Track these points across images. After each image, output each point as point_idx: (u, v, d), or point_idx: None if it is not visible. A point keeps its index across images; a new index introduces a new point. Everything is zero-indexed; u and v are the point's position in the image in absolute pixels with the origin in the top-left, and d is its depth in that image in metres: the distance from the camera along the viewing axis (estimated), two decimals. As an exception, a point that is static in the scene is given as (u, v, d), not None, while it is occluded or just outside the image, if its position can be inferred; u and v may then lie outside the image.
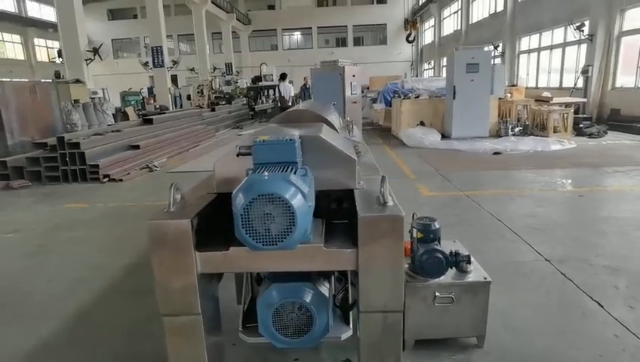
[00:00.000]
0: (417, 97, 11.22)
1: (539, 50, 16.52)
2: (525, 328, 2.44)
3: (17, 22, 27.78)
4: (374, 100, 16.60)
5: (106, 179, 6.96)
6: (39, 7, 29.26)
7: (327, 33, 36.86)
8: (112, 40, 34.70)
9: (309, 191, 1.59)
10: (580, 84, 12.72)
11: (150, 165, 8.00)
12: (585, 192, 5.30)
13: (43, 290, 3.20)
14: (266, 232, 1.48)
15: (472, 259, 2.25)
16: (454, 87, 9.38)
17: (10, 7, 27.42)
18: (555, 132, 9.63)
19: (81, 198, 5.85)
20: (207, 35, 30.49)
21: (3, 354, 2.44)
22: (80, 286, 3.20)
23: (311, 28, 36.51)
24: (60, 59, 13.17)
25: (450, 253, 2.15)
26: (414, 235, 2.23)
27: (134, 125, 9.96)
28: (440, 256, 2.08)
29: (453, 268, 2.19)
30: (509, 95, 11.53)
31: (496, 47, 18.71)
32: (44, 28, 28.19)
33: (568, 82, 14.03)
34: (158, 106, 17.98)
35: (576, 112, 11.16)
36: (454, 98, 9.41)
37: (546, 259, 3.34)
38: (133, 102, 17.73)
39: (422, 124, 10.50)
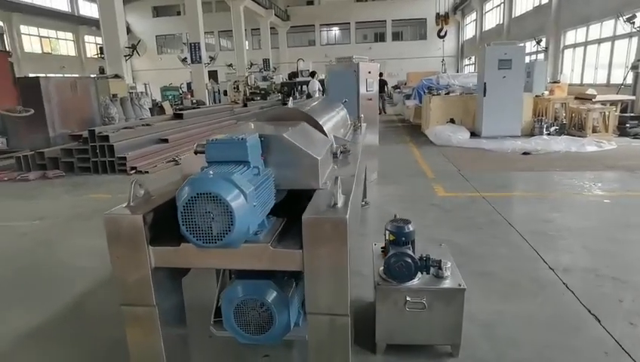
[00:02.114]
0: (448, 94, 10.90)
1: (585, 44, 15.57)
2: (508, 340, 2.33)
3: (70, 20, 29.47)
4: (408, 96, 16.31)
5: (133, 171, 7.27)
6: (90, 6, 30.86)
7: (365, 28, 36.51)
8: (156, 36, 36.13)
9: (256, 191, 1.60)
10: (630, 80, 11.87)
11: (177, 158, 8.27)
12: (613, 197, 4.97)
13: (51, 276, 3.40)
14: (208, 230, 1.50)
15: (449, 264, 2.17)
16: (485, 83, 9.04)
17: (65, 6, 29.11)
18: (594, 132, 9.07)
19: (106, 189, 6.15)
20: (246, 32, 31.08)
21: (7, 330, 2.62)
22: (86, 274, 3.37)
23: (349, 23, 36.29)
24: (102, 56, 13.82)
25: (421, 257, 2.08)
26: (387, 237, 2.18)
27: (165, 119, 10.32)
28: (409, 259, 2.03)
29: (424, 272, 2.12)
30: (546, 92, 10.95)
31: (538, 42, 17.83)
32: (93, 25, 29.73)
33: (617, 78, 13.14)
34: (194, 101, 18.55)
35: (623, 111, 10.45)
36: (485, 95, 9.07)
37: (550, 268, 3.17)
38: (170, 97, 18.32)
39: (452, 121, 10.22)
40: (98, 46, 31.38)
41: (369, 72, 5.65)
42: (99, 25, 13.87)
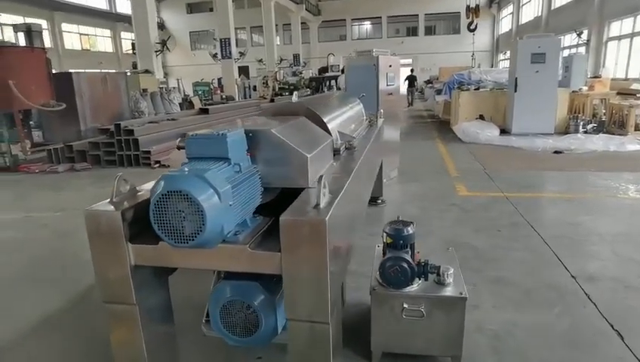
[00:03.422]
0: (477, 89, 10.50)
1: (632, 35, 14.61)
2: (517, 354, 2.16)
3: (108, 18, 30.50)
4: (439, 92, 15.90)
5: (157, 165, 7.39)
6: (127, 4, 31.80)
7: (397, 22, 35.87)
8: (189, 32, 36.84)
9: (234, 189, 1.52)
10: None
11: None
12: (652, 201, 4.61)
13: (64, 267, 3.47)
14: (181, 229, 1.44)
15: (451, 271, 2.02)
16: (516, 79, 8.62)
17: (103, 4, 30.13)
18: (637, 130, 8.48)
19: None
20: (278, 27, 31.17)
21: (20, 318, 2.68)
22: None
23: (381, 17, 35.75)
24: (134, 52, 14.18)
25: (419, 262, 1.95)
26: (384, 240, 2.06)
27: (191, 114, 10.46)
28: (405, 264, 1.90)
29: (423, 278, 1.99)
30: (584, 88, 10.35)
31: (579, 34, 16.92)
32: (129, 22, 30.64)
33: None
34: (224, 97, 18.77)
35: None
36: (515, 91, 8.65)
37: (572, 276, 2.94)
38: (200, 92, 18.62)
39: (481, 117, 9.84)
40: (131, 42, 32.42)
41: (389, 66, 5.46)
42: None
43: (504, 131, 8.98)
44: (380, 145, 4.12)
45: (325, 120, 2.54)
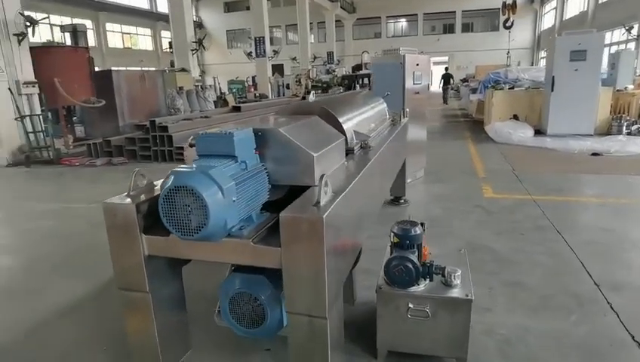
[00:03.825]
0: (512, 88, 10.18)
1: (685, 32, 13.72)
2: (526, 360, 2.12)
3: (149, 17, 31.62)
4: (474, 90, 15.54)
5: (188, 160, 7.63)
6: (167, 3, 32.90)
7: (433, 20, 35.19)
8: (226, 31, 37.59)
9: (239, 186, 1.58)
10: None
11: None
12: (694, 208, 4.34)
13: (96, 256, 3.67)
14: (187, 222, 1.52)
15: (458, 272, 2.01)
16: (553, 77, 8.30)
17: (145, 4, 31.27)
18: (685, 132, 7.98)
19: (161, 176, 6.47)
20: (313, 25, 31.26)
21: (51, 302, 2.88)
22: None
23: (417, 14, 35.17)
24: (171, 50, 14.65)
25: (424, 263, 1.95)
26: (391, 240, 2.07)
27: (224, 112, 10.72)
28: (409, 264, 1.91)
29: (428, 279, 1.99)
30: (630, 86, 9.82)
31: (629, 30, 16.03)
32: (168, 21, 31.68)
33: None
34: (257, 95, 19.08)
35: None
36: (552, 90, 8.33)
37: (595, 283, 2.84)
38: (234, 90, 19.00)
39: (515, 117, 9.54)
40: (169, 41, 33.48)
41: (417, 65, 5.40)
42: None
43: (539, 132, 8.67)
44: (401, 144, 4.10)
45: (340, 119, 2.57)
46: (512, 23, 15.03)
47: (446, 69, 23.80)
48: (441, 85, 21.78)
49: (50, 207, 5.20)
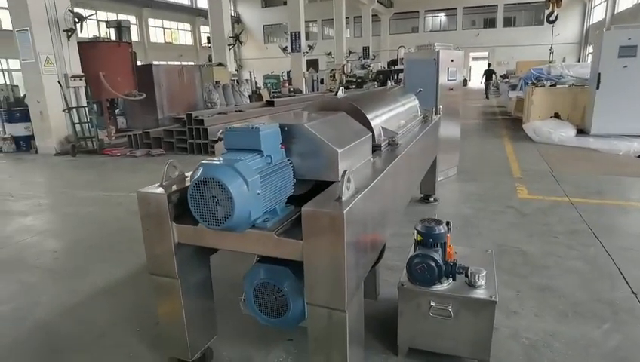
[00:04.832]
0: (554, 85, 9.77)
1: None
2: (552, 365, 2.07)
3: (189, 12, 32.46)
4: (514, 87, 15.03)
5: (222, 153, 7.83)
6: (207, -1, 33.67)
7: (473, 14, 34.20)
8: (263, 26, 38.03)
9: (263, 179, 1.63)
10: None
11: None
12: None
13: (132, 241, 3.85)
14: (214, 213, 1.58)
15: (483, 273, 1.99)
16: (599, 74, 7.90)
17: (186, 0, 32.13)
18: None
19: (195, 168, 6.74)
20: (349, 20, 31.07)
21: (89, 282, 3.07)
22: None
23: (456, 8, 34.29)
24: (209, 45, 14.99)
25: (446, 262, 1.94)
26: (415, 237, 2.07)
27: (257, 107, 10.89)
28: (432, 263, 1.90)
29: (451, 278, 1.97)
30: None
31: (686, 25, 14.96)
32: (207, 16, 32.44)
33: None
34: (292, 90, 19.24)
35: None
36: (598, 88, 7.93)
37: (633, 292, 2.72)
38: (269, 85, 19.23)
39: (556, 116, 9.16)
40: (207, 36, 34.23)
41: (451, 60, 5.29)
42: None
43: (581, 132, 8.29)
44: (432, 141, 4.05)
45: (369, 115, 2.57)
46: (557, 17, 14.33)
47: (489, 65, 24.22)
48: (484, 81, 21.95)
49: (93, 195, 5.48)
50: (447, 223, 2.13)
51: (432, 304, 1.99)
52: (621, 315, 2.47)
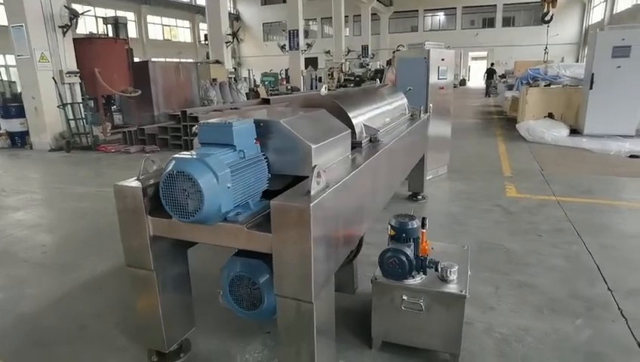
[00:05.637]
0: (549, 85, 9.80)
1: None
2: (522, 360, 2.11)
3: (188, 10, 32.43)
4: (511, 87, 15.06)
5: (216, 150, 7.86)
6: (207, -4, 33.61)
7: (472, 13, 34.20)
8: (262, 24, 38.00)
9: (234, 173, 1.66)
10: None
11: (257, 141, 8.73)
12: None
13: (114, 238, 3.88)
14: (185, 205, 1.62)
15: (455, 268, 2.02)
16: (592, 75, 7.93)
17: (185, -4, 32.13)
18: None
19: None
20: (348, 18, 31.04)
21: (80, 274, 3.10)
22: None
23: (455, 8, 34.29)
24: (206, 42, 14.99)
25: (417, 256, 1.97)
26: (388, 232, 2.10)
27: (253, 104, 10.90)
28: (403, 257, 1.94)
29: (421, 273, 2.01)
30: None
31: (683, 26, 14.98)
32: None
33: None
34: (289, 88, 19.25)
35: None
36: (591, 88, 7.96)
37: (609, 289, 2.75)
38: (266, 83, 19.24)
39: (550, 116, 9.19)
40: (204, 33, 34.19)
41: (442, 59, 5.32)
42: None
43: (575, 131, 8.32)
44: (419, 139, 4.08)
45: (350, 113, 2.61)
46: (552, 18, 14.30)
47: (492, 64, 25.50)
48: (485, 79, 22.92)
49: (87, 190, 5.52)
50: (423, 219, 2.16)
51: (404, 298, 2.03)
52: (595, 311, 2.51)
